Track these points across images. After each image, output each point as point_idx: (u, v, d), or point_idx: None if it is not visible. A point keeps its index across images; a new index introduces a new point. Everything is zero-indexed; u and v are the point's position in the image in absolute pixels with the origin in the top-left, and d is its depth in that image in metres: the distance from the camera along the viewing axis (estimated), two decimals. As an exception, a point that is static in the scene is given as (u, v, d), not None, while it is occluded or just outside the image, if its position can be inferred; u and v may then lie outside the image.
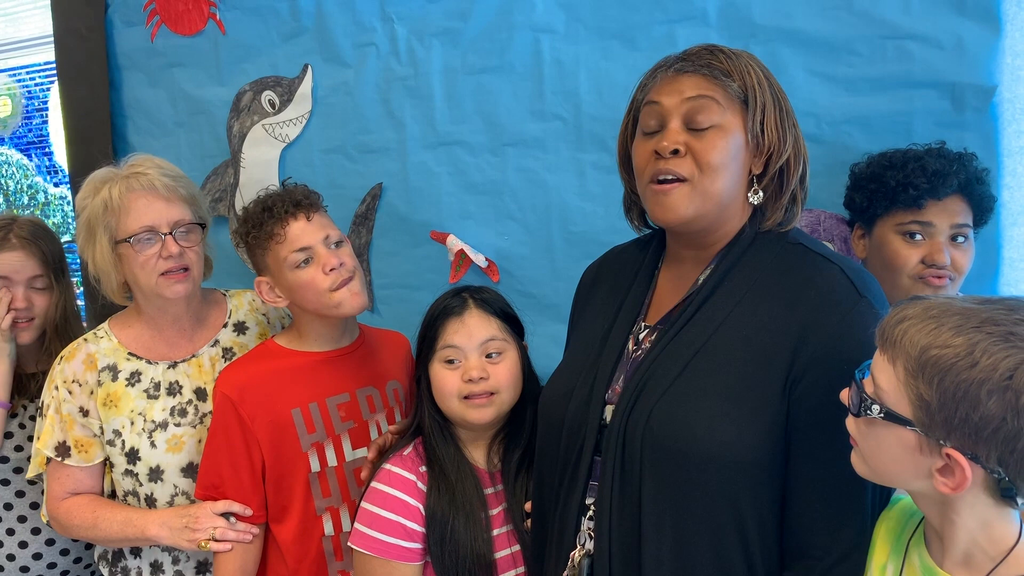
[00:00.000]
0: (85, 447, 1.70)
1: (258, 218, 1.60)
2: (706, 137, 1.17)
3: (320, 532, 1.61)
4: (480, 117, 2.02)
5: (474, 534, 1.41)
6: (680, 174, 1.17)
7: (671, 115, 1.19)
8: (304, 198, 1.62)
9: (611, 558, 1.17)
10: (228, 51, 2.31)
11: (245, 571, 1.62)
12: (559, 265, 1.98)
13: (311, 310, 1.61)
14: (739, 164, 1.19)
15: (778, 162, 1.20)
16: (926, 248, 1.51)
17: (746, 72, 1.19)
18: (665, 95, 1.20)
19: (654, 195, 1.20)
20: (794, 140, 1.21)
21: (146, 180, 1.64)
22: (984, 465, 0.91)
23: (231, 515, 1.60)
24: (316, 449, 1.61)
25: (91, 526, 1.67)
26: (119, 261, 1.66)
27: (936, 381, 0.91)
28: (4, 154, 3.11)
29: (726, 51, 1.21)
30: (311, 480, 1.60)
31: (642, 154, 1.22)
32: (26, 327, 1.88)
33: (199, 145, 2.39)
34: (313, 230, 1.59)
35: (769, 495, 1.13)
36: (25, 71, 3.00)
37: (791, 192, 1.22)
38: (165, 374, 1.71)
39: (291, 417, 1.59)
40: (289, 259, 1.57)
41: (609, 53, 1.89)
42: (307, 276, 1.57)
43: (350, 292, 1.58)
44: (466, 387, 1.44)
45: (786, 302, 1.15)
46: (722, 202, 1.19)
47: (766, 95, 1.19)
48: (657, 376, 1.18)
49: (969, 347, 0.90)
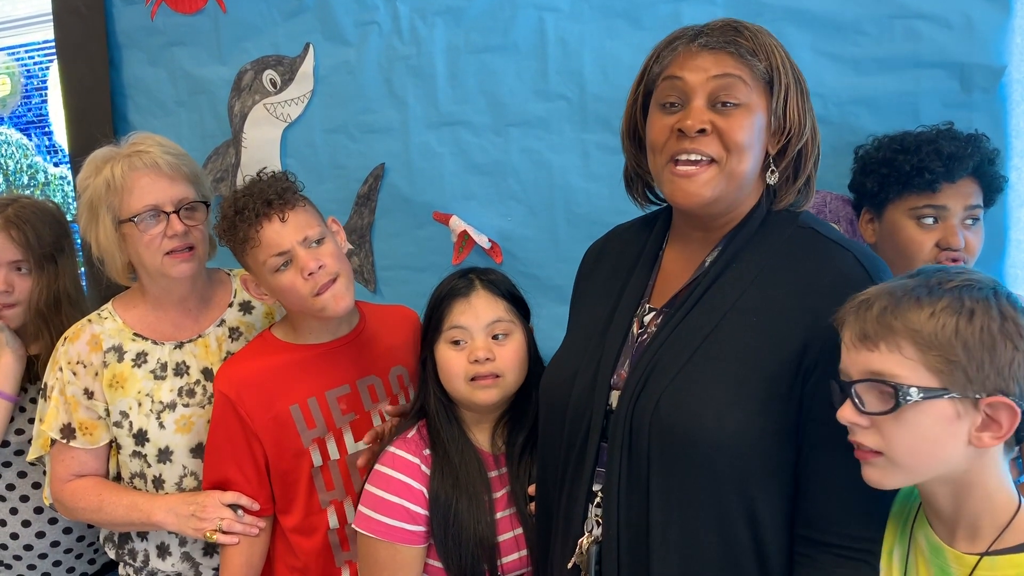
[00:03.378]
0: (90, 429, 1.69)
1: (231, 221, 1.52)
2: (733, 116, 1.14)
3: (325, 525, 1.60)
4: (483, 97, 2.01)
5: (477, 517, 1.41)
6: (708, 154, 1.14)
7: (696, 92, 1.15)
8: (277, 196, 1.51)
9: (619, 545, 1.17)
10: (229, 30, 2.29)
11: (251, 564, 1.61)
12: (563, 246, 1.97)
13: (296, 312, 1.59)
14: (761, 145, 1.17)
15: (798, 144, 1.18)
16: (940, 232, 1.49)
17: (771, 52, 1.16)
18: (689, 71, 1.16)
19: (675, 178, 1.17)
20: (812, 123, 1.19)
21: (148, 158, 1.62)
22: (1018, 402, 0.96)
23: (238, 507, 1.60)
24: (317, 444, 1.59)
25: (96, 509, 1.67)
26: (123, 241, 1.65)
27: (956, 340, 0.95)
28: (3, 134, 3.10)
29: (750, 27, 1.17)
30: (314, 474, 1.59)
31: (660, 129, 1.18)
32: (9, 312, 1.88)
33: (200, 125, 2.37)
34: (289, 232, 1.50)
35: (779, 482, 1.12)
36: (24, 50, 2.98)
37: (807, 175, 1.21)
38: (172, 354, 1.70)
39: (290, 414, 1.58)
40: (268, 263, 1.51)
41: (614, 32, 1.87)
42: (287, 281, 1.51)
43: (333, 296, 1.52)
44: (472, 368, 1.43)
45: (797, 288, 1.14)
46: (743, 184, 1.18)
47: (789, 76, 1.17)
48: (664, 362, 1.16)
49: (957, 303, 0.96)
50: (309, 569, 1.61)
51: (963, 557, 1.00)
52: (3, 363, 1.87)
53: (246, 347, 1.67)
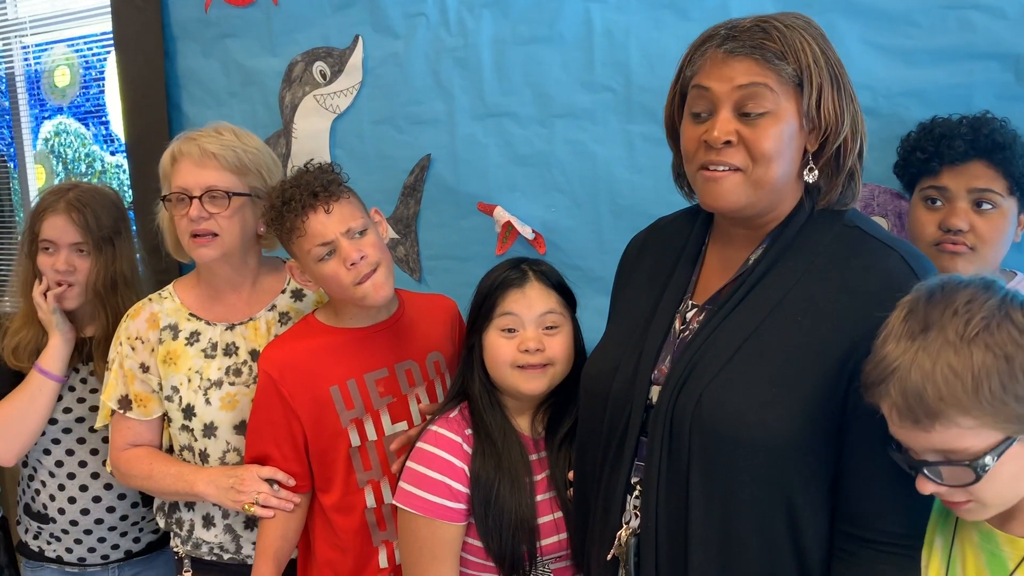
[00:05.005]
0: (144, 402, 1.77)
1: (278, 211, 1.57)
2: (759, 125, 1.13)
3: (363, 504, 1.64)
4: (529, 88, 2.01)
5: (518, 499, 1.43)
6: (733, 164, 1.14)
7: (721, 103, 1.14)
8: (322, 188, 1.55)
9: (658, 538, 1.17)
10: (280, 22, 2.33)
11: (286, 538, 1.66)
12: (606, 238, 1.98)
13: (338, 299, 1.63)
14: (793, 148, 1.16)
15: (835, 142, 1.16)
16: (943, 212, 1.48)
17: (801, 51, 1.13)
18: (715, 80, 1.14)
19: (704, 182, 1.17)
20: (851, 116, 1.17)
21: (194, 144, 1.69)
22: None
23: (275, 482, 1.64)
24: (355, 425, 1.63)
25: (146, 476, 1.75)
26: (171, 217, 1.74)
27: (1007, 396, 0.94)
28: (63, 123, 3.17)
29: (779, 27, 1.14)
30: (352, 454, 1.63)
31: (691, 139, 1.18)
32: (69, 292, 1.94)
33: (251, 115, 2.41)
34: (333, 223, 1.55)
35: (819, 481, 1.12)
36: (83, 41, 3.04)
37: (848, 169, 1.19)
38: (223, 335, 1.77)
39: (330, 395, 1.61)
40: (312, 253, 1.56)
41: (660, 23, 1.86)
42: (330, 270, 1.55)
43: (373, 285, 1.56)
44: (521, 357, 1.45)
45: (843, 289, 1.13)
46: (777, 188, 1.16)
47: (823, 73, 1.14)
48: (707, 359, 1.16)
49: (992, 356, 0.94)
50: (347, 547, 1.65)
51: (1017, 540, 1.00)
52: (52, 344, 1.94)
53: (290, 329, 1.71)
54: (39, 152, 3.26)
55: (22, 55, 3.20)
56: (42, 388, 1.93)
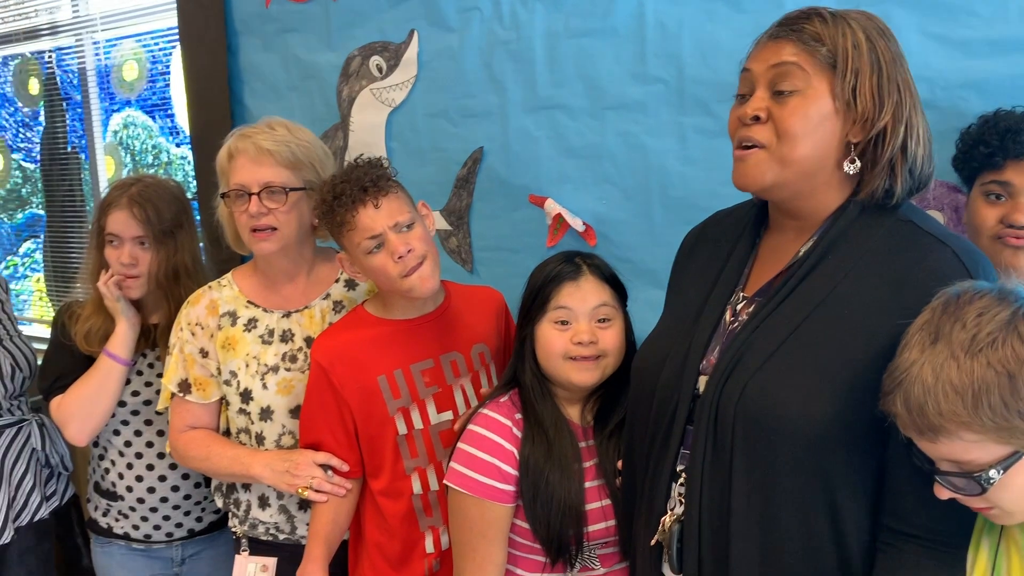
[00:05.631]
0: (203, 386, 1.84)
1: (329, 205, 1.61)
2: (787, 104, 1.15)
3: (410, 491, 1.68)
4: (581, 81, 2.02)
5: (567, 486, 1.46)
6: (758, 141, 1.16)
7: (758, 82, 1.18)
8: (372, 183, 1.59)
9: (700, 525, 1.19)
10: (338, 17, 2.37)
11: (337, 522, 1.72)
12: (658, 230, 1.98)
13: (386, 290, 1.67)
14: (826, 131, 1.15)
15: (872, 130, 1.16)
16: (1006, 208, 1.46)
17: (840, 35, 1.14)
18: (755, 61, 1.19)
19: (734, 163, 1.20)
20: (895, 106, 1.15)
21: (251, 142, 1.74)
22: None
23: (329, 468, 1.69)
24: (402, 413, 1.67)
25: (204, 458, 1.82)
26: (231, 212, 1.80)
27: (1009, 413, 0.93)
28: (131, 116, 3.28)
29: (823, 14, 1.16)
30: (399, 442, 1.67)
31: (731, 120, 1.21)
32: (132, 283, 2.01)
33: (310, 109, 2.47)
34: (382, 217, 1.58)
35: (862, 473, 1.12)
36: (150, 37, 3.13)
37: (888, 161, 1.17)
38: (279, 322, 1.82)
39: (377, 384, 1.66)
40: (361, 246, 1.59)
41: (714, 15, 1.86)
42: (378, 262, 1.59)
43: (420, 278, 1.60)
44: (573, 348, 1.47)
45: (894, 283, 1.12)
46: (805, 170, 1.16)
47: (862, 59, 1.14)
48: (753, 350, 1.17)
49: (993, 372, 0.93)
50: (395, 531, 1.69)
51: None
52: (119, 330, 2.02)
53: (341, 320, 1.76)
54: (109, 144, 3.38)
55: (93, 51, 3.32)
56: (111, 371, 2.01)
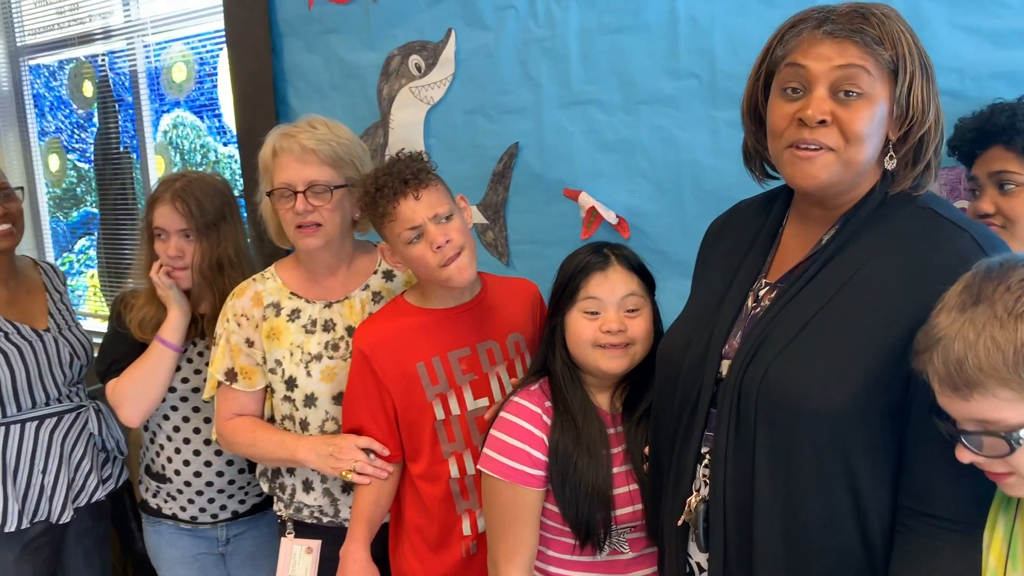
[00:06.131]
0: (249, 374, 1.91)
1: (372, 197, 1.67)
2: (853, 106, 1.15)
3: (447, 474, 1.74)
4: (614, 76, 2.06)
5: (595, 472, 1.50)
6: (826, 144, 1.16)
7: (818, 81, 1.15)
8: (412, 176, 1.64)
9: (725, 505, 1.22)
10: (378, 17, 2.43)
11: (379, 504, 1.78)
12: (690, 222, 2.00)
13: (425, 280, 1.72)
14: (881, 133, 1.18)
15: (919, 131, 1.18)
16: (977, 201, 1.53)
17: (898, 39, 1.15)
18: (812, 59, 1.16)
19: (793, 160, 1.18)
20: (936, 110, 1.19)
21: (294, 141, 1.79)
22: None
23: (371, 452, 1.75)
24: (440, 399, 1.72)
25: (250, 444, 1.89)
26: (275, 209, 1.85)
27: None
28: (180, 116, 3.38)
29: (877, 14, 1.16)
30: (437, 427, 1.73)
31: (781, 116, 1.19)
32: (181, 274, 2.09)
33: (352, 108, 2.53)
34: (422, 209, 1.63)
35: (882, 455, 1.14)
36: (197, 39, 3.22)
37: (926, 162, 1.20)
38: (321, 312, 1.89)
39: (416, 370, 1.71)
40: (402, 236, 1.65)
41: (745, 10, 1.88)
42: (418, 252, 1.64)
43: (458, 267, 1.64)
44: (602, 336, 1.51)
45: (913, 267, 1.15)
46: (861, 170, 1.19)
47: (915, 63, 1.16)
48: (775, 334, 1.20)
49: None
50: (434, 514, 1.75)
51: None
52: (171, 317, 2.10)
53: (381, 309, 1.82)
54: (159, 144, 3.48)
55: (143, 53, 3.43)
56: (162, 357, 2.09)
